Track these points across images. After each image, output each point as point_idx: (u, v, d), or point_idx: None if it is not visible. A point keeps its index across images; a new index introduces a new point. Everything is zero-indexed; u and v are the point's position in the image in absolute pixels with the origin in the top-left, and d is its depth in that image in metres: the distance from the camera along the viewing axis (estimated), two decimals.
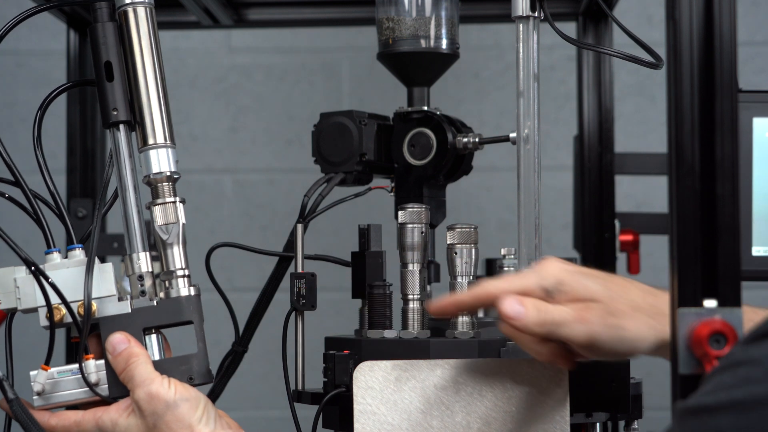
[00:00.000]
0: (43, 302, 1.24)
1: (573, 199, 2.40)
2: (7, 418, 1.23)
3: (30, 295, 1.26)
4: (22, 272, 1.26)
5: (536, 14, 1.37)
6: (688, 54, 0.93)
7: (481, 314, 1.43)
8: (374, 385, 1.25)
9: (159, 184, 1.29)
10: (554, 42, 1.62)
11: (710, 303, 0.91)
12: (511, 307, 1.14)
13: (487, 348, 1.33)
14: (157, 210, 1.28)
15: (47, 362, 1.26)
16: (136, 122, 1.31)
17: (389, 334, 1.36)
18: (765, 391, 0.80)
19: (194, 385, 1.24)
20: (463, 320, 1.36)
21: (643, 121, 3.01)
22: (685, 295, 0.92)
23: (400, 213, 1.39)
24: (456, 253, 1.37)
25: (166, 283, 1.28)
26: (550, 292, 1.16)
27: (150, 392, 1.20)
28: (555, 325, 1.14)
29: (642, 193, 2.93)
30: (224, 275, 1.36)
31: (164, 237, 1.27)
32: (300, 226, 1.41)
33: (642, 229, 2.31)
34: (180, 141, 3.27)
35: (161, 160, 1.30)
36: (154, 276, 1.28)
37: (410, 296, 1.37)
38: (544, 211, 1.38)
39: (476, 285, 1.23)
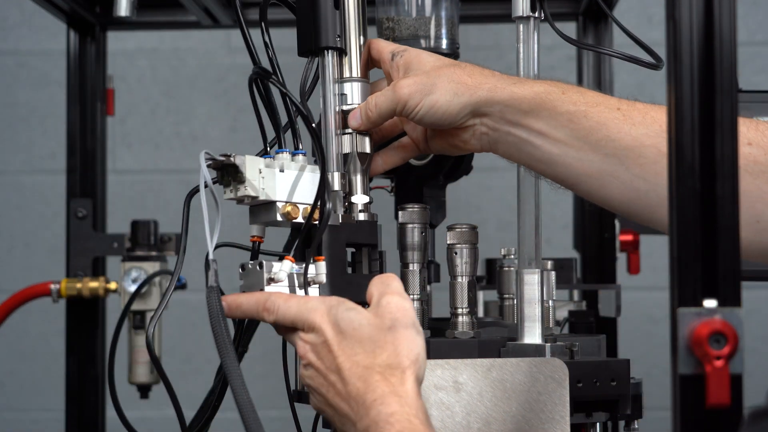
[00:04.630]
0: (280, 197, 1.28)
1: (573, 199, 2.40)
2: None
3: (271, 188, 1.29)
4: (262, 163, 1.28)
5: (536, 14, 1.37)
6: (688, 54, 0.93)
7: (481, 314, 1.43)
8: None
9: None
10: (554, 42, 1.62)
11: (710, 303, 0.91)
12: (352, 118, 1.36)
13: (487, 348, 1.33)
14: (346, 138, 1.37)
15: (294, 256, 1.30)
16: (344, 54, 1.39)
17: None
18: None
19: None
20: (463, 320, 1.36)
21: None
22: (685, 295, 0.92)
23: (400, 213, 1.39)
24: (456, 253, 1.37)
25: (357, 206, 1.35)
26: (394, 55, 1.37)
27: (405, 305, 1.20)
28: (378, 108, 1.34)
29: None
30: (224, 275, 1.35)
31: (354, 164, 1.36)
32: None
33: (642, 229, 2.31)
34: (180, 141, 3.28)
35: (354, 94, 1.38)
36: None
37: (410, 296, 1.37)
38: (544, 211, 1.38)
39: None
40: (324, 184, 1.28)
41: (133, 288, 2.25)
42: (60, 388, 2.39)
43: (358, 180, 1.36)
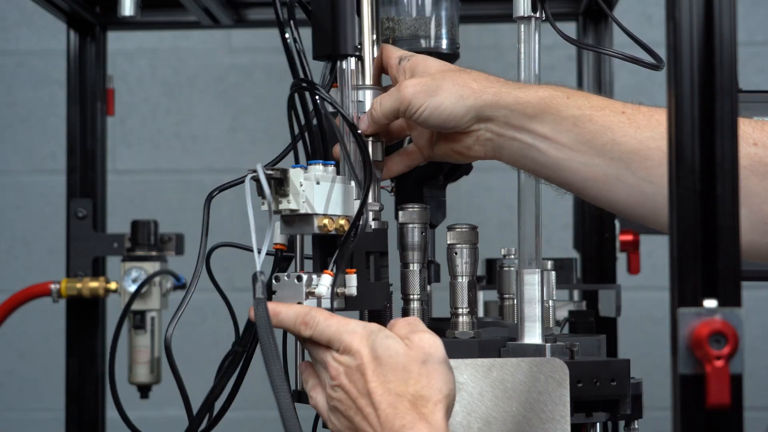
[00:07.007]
0: (317, 210, 1.27)
1: (573, 199, 2.40)
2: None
3: (310, 200, 1.27)
4: (302, 176, 1.26)
5: (537, 15, 1.37)
6: (688, 54, 0.93)
7: (481, 314, 1.43)
8: None
9: None
10: (554, 42, 1.62)
11: (710, 303, 0.91)
12: (361, 122, 1.37)
13: (487, 348, 1.33)
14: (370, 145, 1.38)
15: (331, 269, 1.27)
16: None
17: None
18: None
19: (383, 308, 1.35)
20: (463, 320, 1.36)
21: None
22: (685, 295, 0.92)
23: (400, 213, 1.39)
24: (456, 253, 1.37)
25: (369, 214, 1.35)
26: (402, 59, 1.38)
27: (437, 342, 1.20)
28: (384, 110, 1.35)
29: None
30: (224, 275, 1.36)
31: (379, 174, 1.40)
32: None
33: (642, 229, 2.31)
34: (180, 141, 3.29)
35: (368, 101, 1.39)
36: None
37: (411, 296, 1.37)
38: (544, 211, 1.38)
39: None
40: (367, 195, 1.29)
41: (133, 288, 2.25)
42: (60, 388, 2.39)
43: (375, 189, 1.37)
